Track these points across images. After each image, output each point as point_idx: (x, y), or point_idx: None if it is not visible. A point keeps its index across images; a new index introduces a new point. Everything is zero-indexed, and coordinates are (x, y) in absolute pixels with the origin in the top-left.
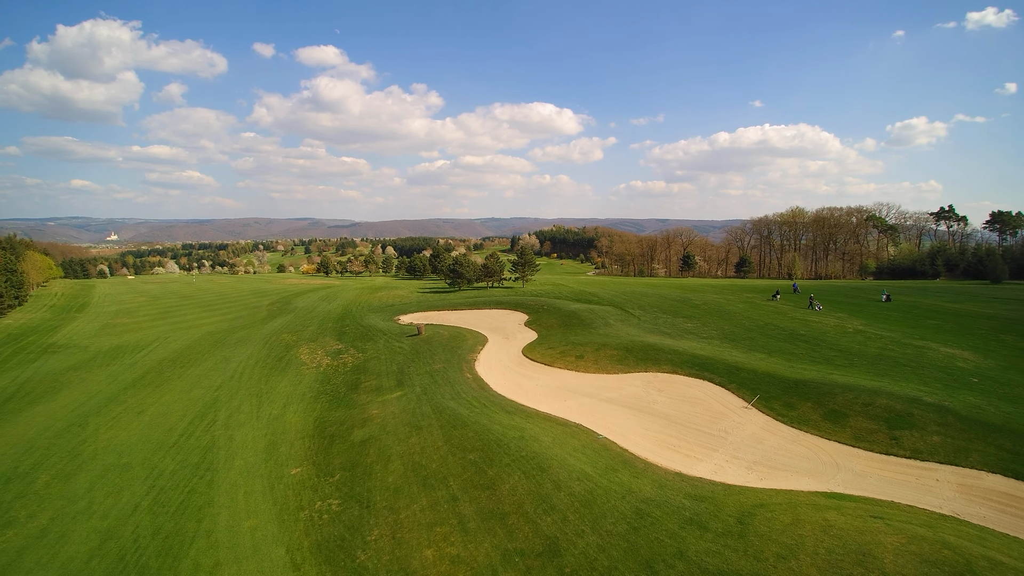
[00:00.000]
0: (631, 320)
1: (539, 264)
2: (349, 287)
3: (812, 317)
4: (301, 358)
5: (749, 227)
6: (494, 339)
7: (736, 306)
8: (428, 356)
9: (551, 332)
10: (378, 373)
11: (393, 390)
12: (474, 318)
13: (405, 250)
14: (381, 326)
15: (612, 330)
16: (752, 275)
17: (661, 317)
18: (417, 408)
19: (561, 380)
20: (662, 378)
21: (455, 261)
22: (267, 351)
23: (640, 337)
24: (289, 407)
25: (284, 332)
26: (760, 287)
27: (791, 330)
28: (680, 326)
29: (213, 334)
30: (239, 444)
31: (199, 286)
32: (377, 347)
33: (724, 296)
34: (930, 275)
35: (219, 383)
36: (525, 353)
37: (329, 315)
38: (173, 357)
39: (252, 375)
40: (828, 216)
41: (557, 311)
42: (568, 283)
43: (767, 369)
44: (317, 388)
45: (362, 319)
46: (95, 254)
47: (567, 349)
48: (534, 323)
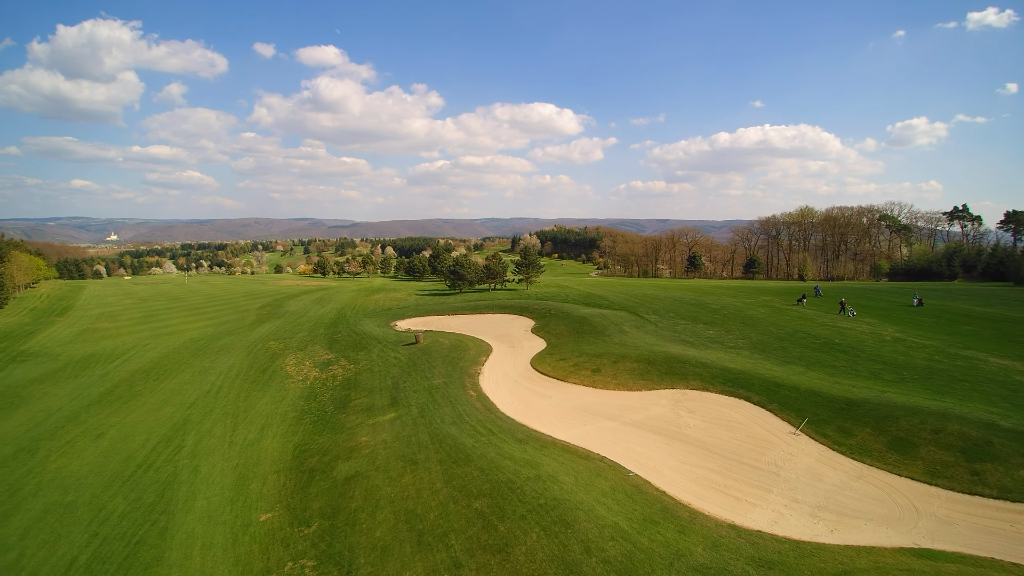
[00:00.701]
0: (647, 327)
1: (543, 265)
2: (345, 289)
3: (843, 323)
4: (287, 370)
5: (756, 227)
6: (499, 348)
7: (757, 311)
8: (427, 369)
9: (561, 340)
10: (370, 389)
11: (386, 410)
12: (476, 324)
13: (405, 250)
14: (376, 333)
15: (628, 339)
16: (760, 276)
17: (680, 323)
18: (413, 435)
19: (577, 398)
20: (692, 396)
21: (456, 262)
22: (251, 361)
23: (661, 347)
24: (268, 430)
25: (271, 339)
26: (774, 289)
27: (825, 339)
28: (702, 334)
29: (196, 341)
30: (204, 478)
31: (191, 287)
32: (371, 357)
33: (741, 299)
34: (947, 276)
35: (193, 399)
36: (534, 365)
37: (321, 320)
38: (148, 368)
39: (231, 390)
40: (838, 216)
41: (566, 316)
42: (573, 285)
43: (810, 386)
44: (301, 406)
45: (356, 325)
46: (93, 254)
47: (581, 361)
48: (542, 330)
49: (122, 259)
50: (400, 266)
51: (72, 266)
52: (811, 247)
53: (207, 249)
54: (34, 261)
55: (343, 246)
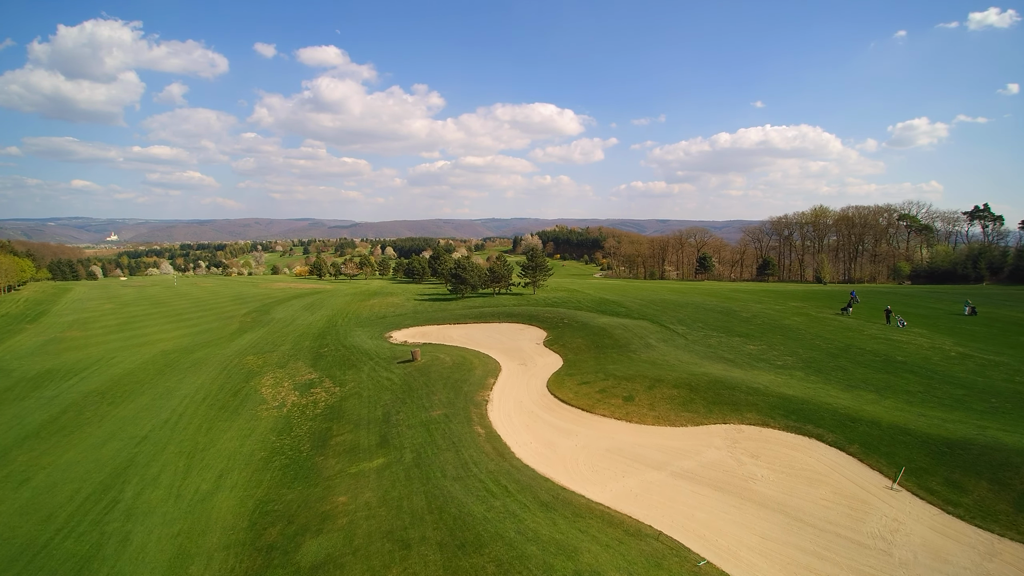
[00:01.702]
0: (676, 340)
1: (551, 267)
2: (340, 293)
3: (895, 335)
4: (262, 392)
5: (768, 227)
6: (508, 366)
7: (793, 319)
8: (424, 395)
9: (580, 357)
10: (356, 421)
11: (373, 453)
12: (481, 335)
13: (405, 251)
14: (368, 347)
15: (657, 355)
16: (773, 278)
17: (712, 335)
18: (405, 496)
19: (609, 436)
20: (750, 434)
21: (457, 264)
22: (222, 381)
23: (699, 366)
24: (227, 477)
25: (250, 353)
26: (798, 293)
27: (885, 355)
28: (742, 349)
29: (167, 354)
30: (134, 553)
31: (179, 290)
32: (359, 378)
33: (770, 306)
34: (973, 279)
35: (146, 431)
36: (552, 390)
37: (308, 330)
38: (105, 388)
39: (193, 419)
40: (854, 216)
41: (583, 327)
42: (583, 288)
43: (891, 419)
44: (272, 443)
45: (346, 336)
46: (91, 255)
47: (609, 385)
48: (556, 343)
49: (119, 260)
50: (399, 268)
51: (66, 267)
52: (826, 248)
53: (206, 249)
54: (18, 262)
55: (343, 246)
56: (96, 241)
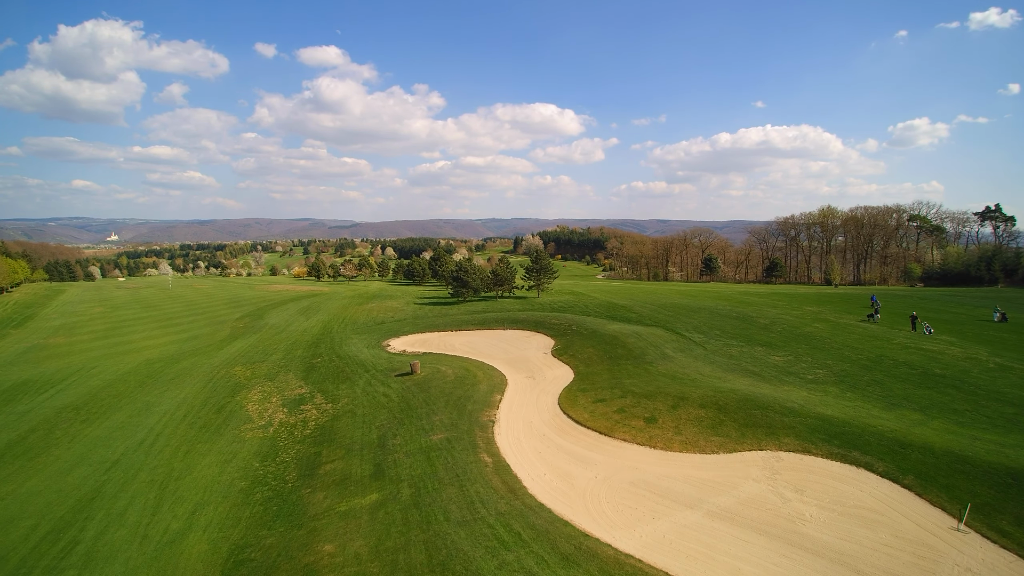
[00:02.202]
0: (695, 350)
1: (556, 270)
2: (337, 296)
3: (926, 344)
4: (247, 409)
5: (774, 228)
6: (515, 379)
7: (814, 326)
8: (424, 414)
9: (592, 369)
10: (349, 445)
11: (367, 486)
12: (484, 342)
13: (405, 251)
14: (364, 357)
15: (676, 367)
16: (779, 280)
17: (732, 345)
18: (402, 548)
19: (632, 465)
20: (791, 462)
21: (459, 267)
22: (207, 395)
23: (724, 381)
24: (201, 514)
25: (239, 363)
26: (812, 296)
27: (921, 367)
28: (767, 360)
29: (151, 363)
30: None
31: (174, 293)
32: (354, 393)
33: (787, 311)
34: (987, 281)
35: (119, 454)
36: (565, 408)
37: (302, 338)
38: (82, 402)
39: (171, 440)
40: (863, 216)
41: (592, 335)
42: (588, 291)
43: (944, 444)
44: (255, 470)
45: (341, 345)
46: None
47: (627, 404)
48: (565, 352)
49: (118, 260)
50: (399, 269)
51: (63, 268)
52: (834, 249)
53: (206, 250)
54: (10, 264)
55: (343, 247)
56: (96, 241)
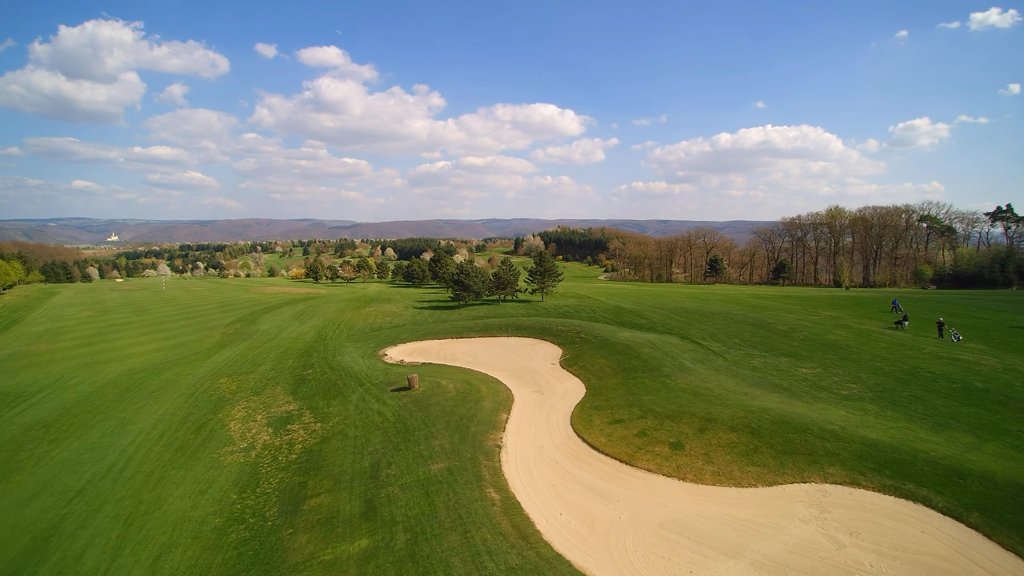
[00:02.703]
0: (714, 360)
1: (561, 273)
2: (335, 299)
3: (960, 354)
4: (229, 429)
5: (780, 228)
6: (522, 395)
7: (837, 334)
8: (423, 437)
9: (606, 383)
10: (337, 475)
11: (356, 528)
12: (488, 351)
13: (405, 252)
14: (358, 368)
15: (697, 380)
16: (786, 282)
17: (755, 355)
18: None
19: (661, 502)
20: (839, 497)
21: (460, 269)
22: (187, 411)
23: (752, 398)
24: (167, 558)
25: (225, 374)
26: (825, 300)
27: (961, 381)
28: (793, 373)
29: (133, 373)
30: None
31: (167, 295)
32: (346, 411)
33: (804, 316)
34: (1001, 283)
35: (84, 481)
36: (579, 430)
37: (294, 345)
38: (53, 418)
39: (143, 464)
40: (871, 216)
41: (603, 344)
42: (593, 294)
43: (1006, 473)
44: (232, 504)
45: (335, 354)
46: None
47: (649, 426)
48: (575, 364)
49: (117, 261)
50: (398, 271)
51: (60, 269)
52: (842, 250)
53: (205, 250)
54: (2, 266)
55: (342, 247)
56: (97, 242)
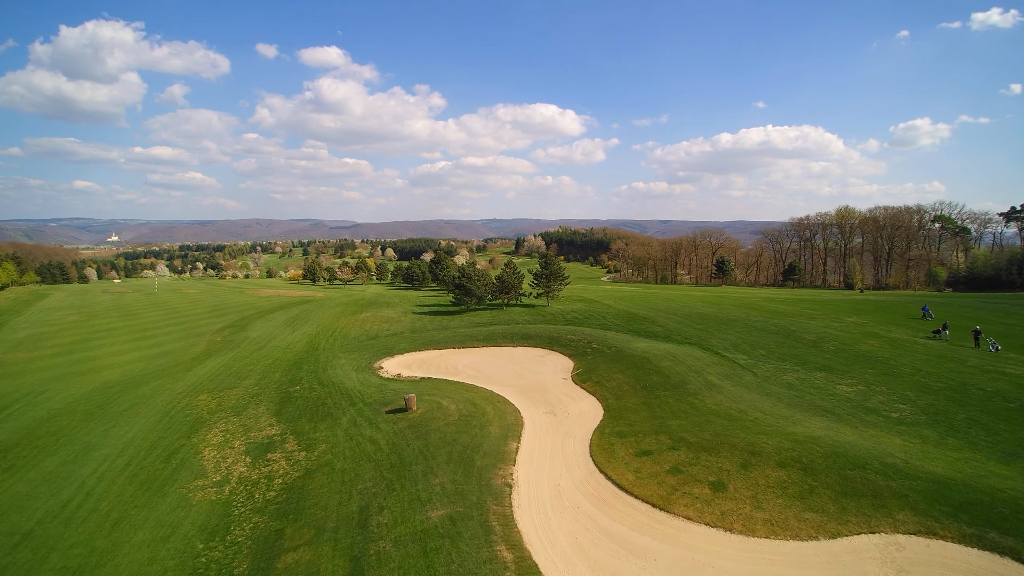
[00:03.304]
0: (742, 375)
1: (568, 276)
2: (330, 302)
3: (1005, 366)
4: (203, 458)
5: (788, 229)
6: (533, 417)
7: (869, 344)
8: (421, 473)
9: (625, 402)
10: (320, 521)
11: None
12: (492, 364)
13: (405, 252)
14: (350, 384)
15: (727, 400)
16: (795, 284)
17: (785, 368)
18: None
19: (707, 561)
20: (914, 551)
21: (461, 272)
22: (159, 434)
23: (793, 422)
24: None
25: (205, 389)
26: (841, 303)
27: (1017, 399)
28: (832, 390)
29: (108, 388)
30: None
31: (159, 298)
32: (334, 438)
33: (826, 323)
34: (1019, 286)
35: (34, 523)
36: (600, 462)
37: (284, 356)
38: (13, 441)
39: (103, 501)
40: (881, 216)
41: (618, 355)
42: (601, 298)
43: None
44: (196, 557)
45: (326, 367)
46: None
47: (682, 460)
48: (589, 379)
49: (115, 261)
50: (397, 272)
51: (56, 270)
52: (852, 251)
53: (205, 251)
54: None
55: (342, 247)
56: (97, 242)
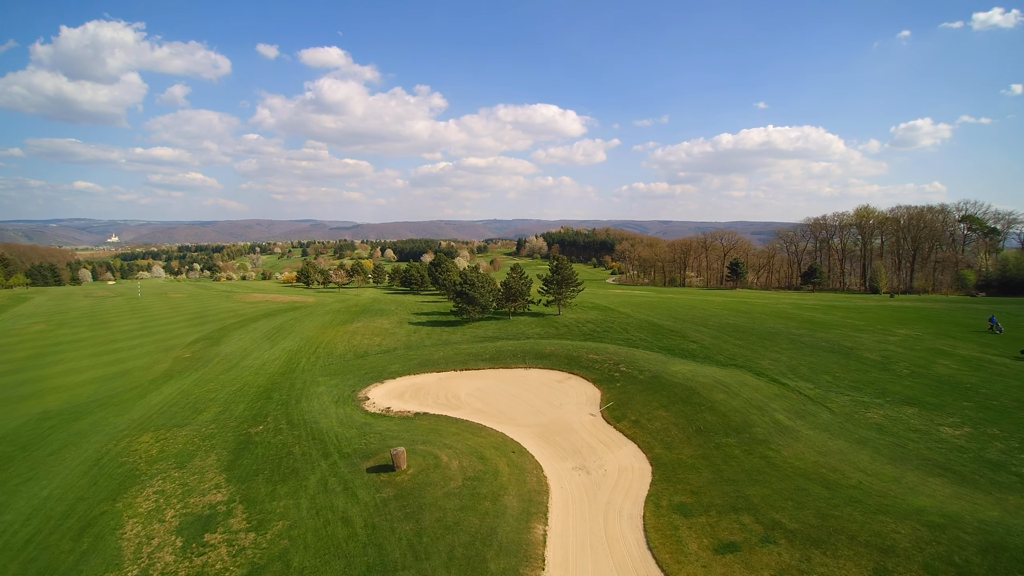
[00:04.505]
0: (814, 410)
1: (582, 282)
2: (321, 309)
3: None
4: (123, 535)
5: (804, 229)
6: (560, 474)
7: (945, 365)
8: None
9: (678, 452)
10: None
11: None
12: (502, 392)
13: (405, 253)
14: (326, 425)
15: (811, 451)
16: (813, 287)
17: (864, 401)
18: None
19: None
20: None
21: (464, 279)
22: (81, 492)
23: (911, 490)
24: None
25: (152, 426)
26: (879, 311)
27: None
28: (936, 434)
29: (45, 419)
30: None
31: (141, 303)
32: (296, 512)
33: (881, 336)
34: None
35: None
36: (664, 564)
37: (254, 379)
38: None
39: None
40: (902, 216)
41: (655, 383)
42: (614, 304)
43: None
44: None
45: (301, 397)
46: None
47: (787, 565)
48: (623, 415)
49: (111, 262)
50: (395, 275)
51: (46, 271)
52: (872, 253)
53: (203, 251)
54: None
55: (341, 248)
56: (97, 243)
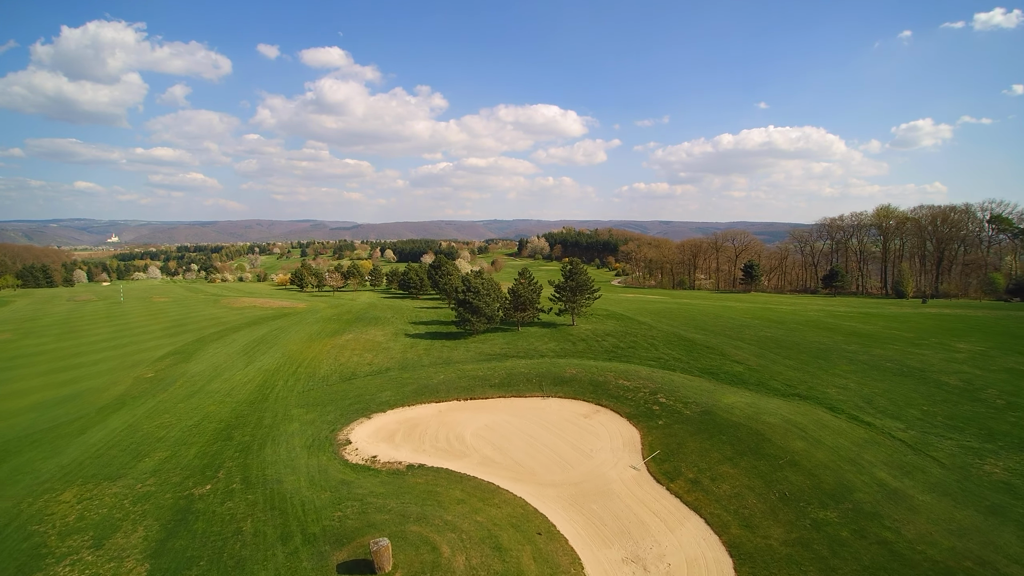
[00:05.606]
0: (919, 463)
1: (598, 288)
2: (311, 316)
3: None
4: None
5: (819, 230)
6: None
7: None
8: None
9: (764, 535)
10: None
11: None
12: (517, 432)
13: (405, 253)
14: (290, 486)
15: (937, 531)
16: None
17: (974, 448)
18: None
19: None
20: None
21: (467, 285)
22: None
23: None
24: None
25: (79, 479)
26: (918, 318)
27: None
28: None
29: None
30: None
31: (122, 308)
32: None
33: (945, 353)
34: None
35: None
36: None
37: (217, 411)
38: None
39: None
40: (924, 217)
41: (710, 424)
42: (632, 312)
43: None
44: None
45: (266, 441)
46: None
47: None
48: (678, 472)
49: (108, 263)
50: (393, 278)
51: (39, 273)
52: (893, 255)
53: (202, 252)
54: None
55: (341, 248)
56: (97, 243)
